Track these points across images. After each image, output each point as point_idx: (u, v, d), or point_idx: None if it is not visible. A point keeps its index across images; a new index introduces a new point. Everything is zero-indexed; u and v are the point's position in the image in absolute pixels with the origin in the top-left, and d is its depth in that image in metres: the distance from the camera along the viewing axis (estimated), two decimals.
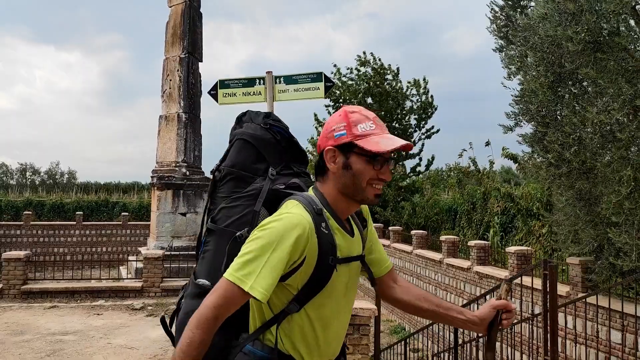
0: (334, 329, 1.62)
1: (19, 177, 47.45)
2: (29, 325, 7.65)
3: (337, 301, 1.59)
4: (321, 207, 1.54)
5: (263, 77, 5.03)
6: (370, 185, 1.54)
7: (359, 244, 1.67)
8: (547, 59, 7.72)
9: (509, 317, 1.63)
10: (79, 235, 24.49)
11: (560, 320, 8.16)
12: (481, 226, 15.95)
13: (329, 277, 1.52)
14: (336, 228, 1.57)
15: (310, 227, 1.47)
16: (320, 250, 1.49)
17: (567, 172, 7.81)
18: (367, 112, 1.59)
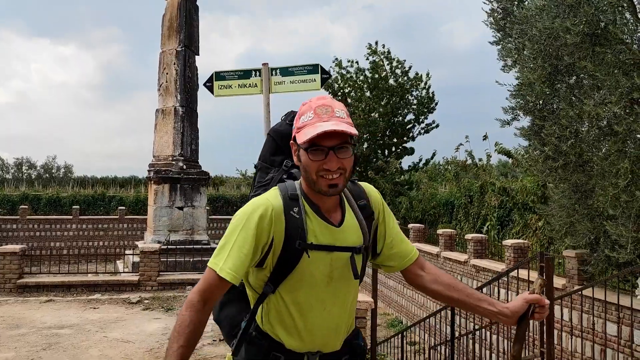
0: (317, 319, 1.62)
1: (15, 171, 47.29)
2: (25, 319, 7.63)
3: (315, 289, 1.60)
4: (297, 193, 1.62)
5: (259, 69, 5.00)
6: (321, 177, 1.55)
7: (355, 236, 1.65)
8: (544, 52, 7.70)
9: (541, 312, 1.63)
10: (76, 230, 24.43)
11: (556, 313, 8.18)
12: (478, 220, 15.97)
13: (297, 260, 1.56)
14: (311, 214, 1.61)
15: (275, 208, 1.57)
16: (287, 232, 1.56)
17: (564, 165, 7.80)
18: (316, 102, 1.60)
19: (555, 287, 8.14)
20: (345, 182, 1.59)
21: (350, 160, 1.58)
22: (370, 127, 21.72)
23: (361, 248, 1.66)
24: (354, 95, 23.26)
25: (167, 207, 14.03)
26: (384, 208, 1.78)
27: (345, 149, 1.55)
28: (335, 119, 1.55)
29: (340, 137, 1.54)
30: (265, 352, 1.62)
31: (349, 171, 1.59)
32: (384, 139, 22.76)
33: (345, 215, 1.66)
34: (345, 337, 1.71)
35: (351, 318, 1.73)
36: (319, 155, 1.53)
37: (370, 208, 1.72)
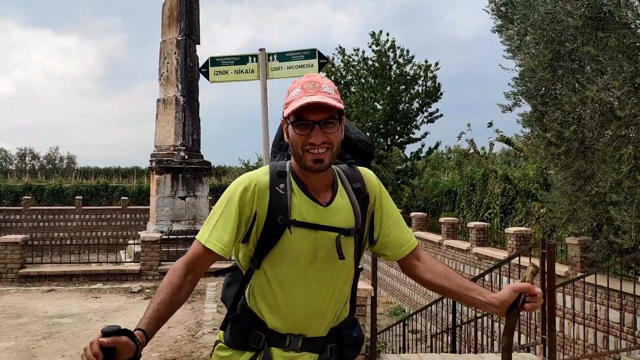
0: (299, 297, 1.61)
1: (18, 162, 47.37)
2: (26, 308, 7.64)
3: (298, 268, 1.59)
4: (286, 171, 1.63)
5: (256, 55, 4.93)
6: (306, 151, 1.54)
7: (344, 218, 1.62)
8: (546, 37, 7.60)
9: (532, 302, 1.53)
10: (79, 220, 24.49)
11: (559, 300, 8.15)
12: (481, 208, 15.92)
13: (278, 236, 1.57)
14: (297, 191, 1.61)
15: (259, 183, 1.60)
16: (271, 208, 1.57)
17: (566, 151, 7.74)
18: (305, 79, 1.61)
19: (558, 274, 8.11)
20: (332, 158, 1.57)
21: (337, 136, 1.57)
22: (371, 115, 21.59)
23: (351, 230, 1.62)
24: (357, 83, 23.11)
25: (169, 197, 14.01)
26: (382, 193, 1.74)
27: (332, 124, 1.55)
28: (322, 93, 1.54)
29: (327, 112, 1.54)
30: (248, 330, 1.63)
31: (337, 147, 1.57)
32: (387, 128, 22.62)
33: (336, 196, 1.64)
34: (333, 325, 1.67)
35: (340, 304, 1.68)
36: (304, 129, 1.54)
37: (365, 191, 1.70)
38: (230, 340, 1.66)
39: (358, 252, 1.69)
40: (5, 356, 5.61)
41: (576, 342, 7.45)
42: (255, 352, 1.63)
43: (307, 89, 1.55)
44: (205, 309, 7.55)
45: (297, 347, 1.63)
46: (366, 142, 1.97)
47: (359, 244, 1.69)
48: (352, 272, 1.70)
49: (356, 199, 1.66)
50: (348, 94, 23.30)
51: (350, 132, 1.91)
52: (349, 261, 1.65)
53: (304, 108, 1.52)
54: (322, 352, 1.65)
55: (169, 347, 5.92)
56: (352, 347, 1.71)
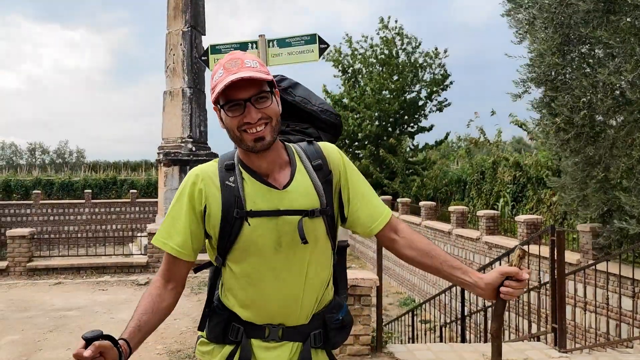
0: (270, 289, 1.53)
1: (28, 156, 47.72)
2: (34, 301, 7.65)
3: (264, 258, 1.50)
4: (233, 162, 1.55)
5: (256, 41, 4.83)
6: (244, 132, 1.46)
7: (306, 198, 1.53)
8: (555, 21, 7.43)
9: (515, 287, 1.43)
10: (89, 213, 24.60)
11: (570, 288, 8.02)
12: (491, 196, 15.75)
13: (237, 230, 1.49)
14: (249, 179, 1.53)
15: (206, 177, 1.53)
16: (224, 203, 1.50)
17: (576, 136, 7.58)
18: (226, 58, 1.51)
19: (570, 262, 7.99)
20: (274, 133, 1.48)
21: (273, 109, 1.47)
22: (380, 104, 21.39)
23: (315, 211, 1.52)
24: (365, 72, 22.89)
25: (177, 189, 13.95)
26: (347, 168, 1.63)
27: (264, 98, 1.46)
28: (246, 69, 1.44)
29: (256, 86, 1.44)
30: (225, 322, 1.56)
31: (276, 120, 1.48)
32: (396, 117, 22.42)
33: (294, 176, 1.54)
34: (316, 311, 1.59)
35: (319, 288, 1.59)
36: (236, 110, 1.45)
37: (327, 168, 1.59)
38: (210, 334, 1.59)
39: (331, 232, 1.59)
40: (11, 349, 5.61)
41: (588, 331, 7.33)
42: (235, 345, 1.56)
43: (229, 67, 1.45)
44: None
45: (278, 337, 1.55)
46: (331, 112, 1.85)
47: (331, 223, 1.59)
48: (329, 253, 1.61)
49: (317, 177, 1.56)
50: (356, 83, 23.10)
51: (311, 103, 1.82)
52: (322, 243, 1.56)
53: (231, 87, 1.42)
54: (305, 340, 1.57)
55: (174, 339, 5.89)
56: (338, 331, 1.63)
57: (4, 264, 9.41)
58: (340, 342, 1.67)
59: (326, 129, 1.84)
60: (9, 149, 49.44)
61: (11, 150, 49.38)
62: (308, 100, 1.82)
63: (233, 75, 1.42)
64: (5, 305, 7.47)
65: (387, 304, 14.15)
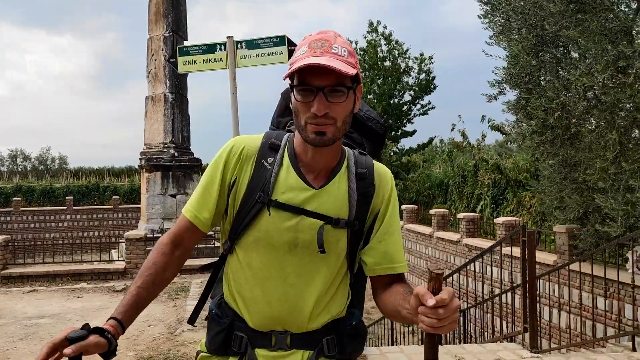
0: (276, 290, 1.40)
1: (9, 163, 47.09)
2: (5, 309, 7.51)
3: (275, 255, 1.38)
4: (279, 143, 1.44)
5: (224, 43, 4.79)
6: (309, 123, 1.31)
7: (336, 205, 1.40)
8: (529, 22, 7.49)
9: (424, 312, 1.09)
10: (70, 220, 24.31)
11: (546, 289, 8.06)
12: (472, 199, 15.83)
13: (254, 214, 1.38)
14: (288, 168, 1.40)
15: (247, 148, 1.42)
16: (252, 181, 1.39)
17: (552, 139, 7.63)
18: (314, 35, 1.36)
19: (547, 263, 8.03)
20: (337, 133, 1.33)
21: (343, 108, 1.32)
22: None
23: (340, 221, 1.39)
24: None
25: (159, 195, 13.91)
26: (392, 198, 1.49)
27: (340, 92, 1.30)
28: (331, 55, 1.30)
29: (335, 77, 1.29)
30: (227, 331, 1.44)
31: (342, 121, 1.33)
32: None
33: (333, 180, 1.42)
34: (327, 321, 1.45)
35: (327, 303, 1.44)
36: (307, 95, 1.30)
37: (370, 181, 1.46)
38: (210, 346, 1.46)
39: (351, 249, 1.44)
40: None
41: (564, 331, 7.36)
42: (239, 356, 1.43)
43: (314, 47, 1.31)
44: (187, 306, 7.44)
45: (286, 345, 1.41)
46: (377, 121, 1.73)
47: (355, 239, 1.44)
48: (345, 269, 1.46)
49: (357, 186, 1.43)
50: None
51: (360, 109, 1.68)
52: (340, 256, 1.43)
53: (307, 70, 1.28)
54: (317, 347, 1.43)
55: (146, 346, 5.81)
56: (352, 338, 1.49)
57: None
58: (356, 352, 1.52)
59: (370, 137, 1.72)
60: None
61: None
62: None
63: (313, 58, 1.28)
64: None
65: (370, 307, 14.12)
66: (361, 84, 1.40)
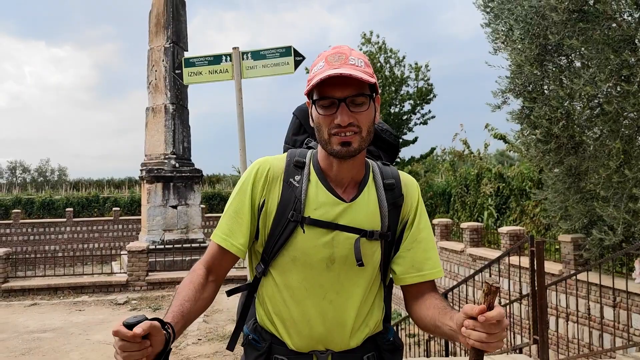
0: (314, 308, 1.38)
1: (9, 175, 47.05)
2: (7, 324, 7.44)
3: (312, 273, 1.37)
4: (304, 161, 1.44)
5: (230, 54, 4.78)
6: (334, 135, 1.32)
7: (368, 218, 1.40)
8: (532, 31, 7.50)
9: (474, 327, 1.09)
10: (70, 232, 24.22)
11: (552, 299, 8.00)
12: (475, 208, 15.78)
13: (289, 234, 1.37)
14: (317, 184, 1.40)
15: (273, 168, 1.42)
16: (282, 201, 1.39)
17: (556, 148, 7.61)
18: (330, 50, 1.38)
19: (552, 273, 7.97)
20: (362, 143, 1.34)
21: (366, 116, 1.33)
22: None
23: (375, 233, 1.39)
24: None
25: (160, 206, 13.86)
26: (419, 206, 1.50)
27: (361, 102, 1.32)
28: (349, 66, 1.31)
29: (355, 88, 1.31)
30: (266, 356, 1.41)
31: (367, 130, 1.34)
32: None
33: (363, 191, 1.42)
34: (366, 336, 1.44)
35: (365, 315, 1.43)
36: (329, 108, 1.31)
37: (399, 191, 1.46)
38: None
39: (384, 261, 1.45)
40: None
41: (571, 342, 7.29)
42: None
43: (331, 61, 1.33)
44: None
45: None
46: (391, 132, 1.75)
47: (387, 250, 1.45)
48: (379, 281, 1.46)
49: (386, 197, 1.44)
50: None
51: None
52: (375, 268, 1.43)
53: (326, 83, 1.29)
54: None
55: None
56: (392, 353, 1.48)
57: None
58: None
59: (385, 148, 1.73)
60: None
61: None
62: None
63: (333, 70, 1.30)
64: None
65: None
66: (379, 94, 1.40)
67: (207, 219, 23.77)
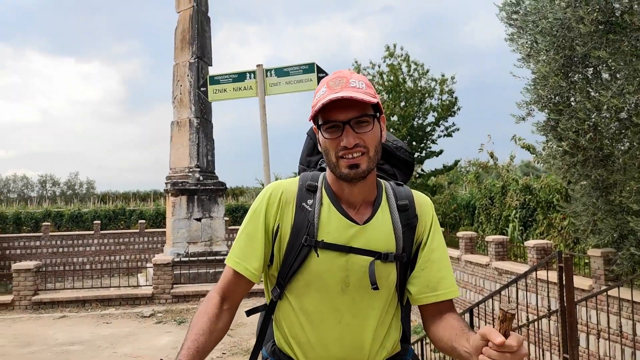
0: (331, 332, 1.38)
1: (39, 188, 48.14)
2: (37, 336, 7.58)
3: (328, 297, 1.38)
4: (316, 184, 1.44)
5: (254, 71, 4.84)
6: (341, 158, 1.34)
7: (382, 239, 1.40)
8: (557, 43, 7.42)
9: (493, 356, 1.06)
10: (97, 245, 24.62)
11: (583, 315, 7.82)
12: (500, 221, 15.57)
13: (303, 258, 1.37)
14: (329, 207, 1.40)
15: (286, 192, 1.43)
16: (295, 226, 1.39)
17: (583, 160, 7.48)
18: (331, 76, 1.41)
19: (582, 288, 7.81)
20: (370, 163, 1.35)
21: (372, 137, 1.35)
22: (389, 130, 21.35)
23: (389, 255, 1.38)
24: None
25: (185, 219, 14.01)
26: (433, 225, 1.48)
27: (365, 123, 1.34)
28: (350, 89, 1.33)
29: (358, 109, 1.33)
30: None
31: (374, 150, 1.35)
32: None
33: (376, 213, 1.42)
34: (384, 358, 1.45)
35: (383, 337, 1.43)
36: (334, 132, 1.33)
37: (413, 211, 1.45)
38: None
39: (401, 282, 1.44)
40: None
41: (602, 359, 7.11)
42: None
43: (332, 86, 1.35)
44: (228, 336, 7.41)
45: None
46: (405, 150, 1.75)
47: (403, 272, 1.44)
48: (396, 302, 1.46)
49: (400, 218, 1.43)
50: None
51: (387, 139, 1.70)
52: (391, 290, 1.43)
53: (329, 107, 1.32)
54: None
55: None
56: None
57: (9, 297, 9.38)
58: None
59: (400, 166, 1.73)
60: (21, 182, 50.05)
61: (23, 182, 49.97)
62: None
63: (334, 94, 1.32)
64: (8, 340, 7.40)
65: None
66: (383, 114, 1.42)
67: (231, 231, 23.91)
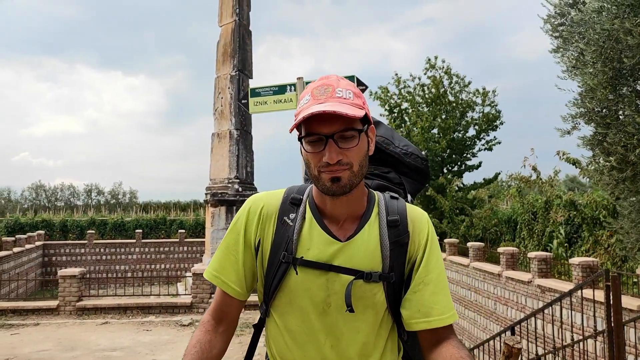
0: (316, 354, 1.31)
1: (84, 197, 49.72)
2: (80, 341, 7.76)
3: (309, 316, 1.30)
4: (301, 198, 1.36)
5: (294, 84, 4.88)
6: (322, 172, 1.24)
7: (366, 257, 1.29)
8: (605, 55, 7.22)
9: None
10: (139, 253, 25.18)
11: (631, 336, 7.51)
12: (543, 237, 15.16)
13: (281, 275, 1.30)
14: (311, 222, 1.31)
15: (267, 206, 1.35)
16: (275, 241, 1.32)
17: (632, 176, 7.23)
18: (316, 82, 1.31)
19: (630, 308, 7.50)
20: (353, 179, 1.24)
21: (356, 152, 1.24)
22: (428, 143, 21.18)
23: (373, 275, 1.27)
24: (411, 112, 22.82)
25: (223, 229, 14.18)
26: (430, 243, 1.35)
27: (351, 138, 1.23)
28: (335, 99, 1.23)
29: (343, 122, 1.22)
30: None
31: (358, 165, 1.25)
32: (443, 156, 22.15)
33: (362, 229, 1.31)
34: None
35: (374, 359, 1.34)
36: (317, 145, 1.23)
37: (404, 228, 1.33)
38: None
39: (392, 302, 1.32)
40: None
41: None
42: None
43: (317, 95, 1.25)
44: None
45: None
46: (417, 156, 1.63)
47: (393, 292, 1.32)
48: (389, 325, 1.35)
49: (388, 235, 1.31)
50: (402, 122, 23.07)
51: (393, 144, 1.61)
52: (376, 313, 1.31)
53: (313, 117, 1.21)
54: None
55: None
56: None
57: (55, 303, 9.66)
58: None
59: (410, 174, 1.63)
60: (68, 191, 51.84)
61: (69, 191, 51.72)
62: (390, 141, 1.62)
63: (317, 106, 1.21)
64: (53, 344, 7.61)
65: None
66: (372, 125, 1.32)
67: None
